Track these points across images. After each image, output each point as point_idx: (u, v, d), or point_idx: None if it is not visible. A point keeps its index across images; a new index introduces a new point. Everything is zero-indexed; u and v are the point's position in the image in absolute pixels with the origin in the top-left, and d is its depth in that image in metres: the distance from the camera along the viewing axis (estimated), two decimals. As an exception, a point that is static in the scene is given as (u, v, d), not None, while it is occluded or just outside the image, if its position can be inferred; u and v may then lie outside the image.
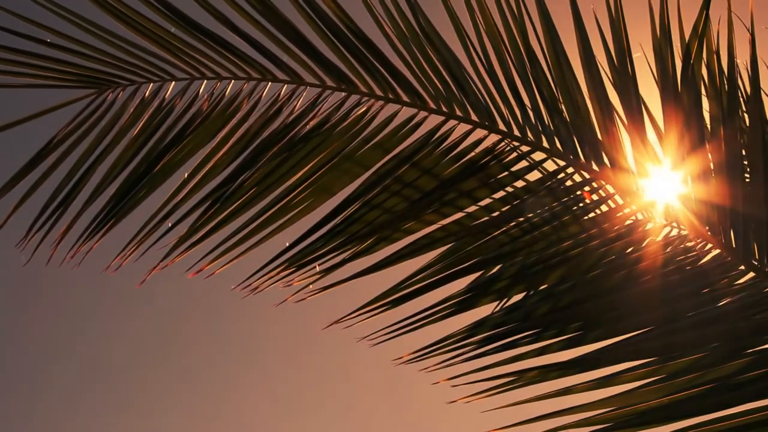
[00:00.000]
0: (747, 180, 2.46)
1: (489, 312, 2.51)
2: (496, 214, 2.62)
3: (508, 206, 2.62)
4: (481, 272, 2.57)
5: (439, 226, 2.63)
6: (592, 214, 2.62)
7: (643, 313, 2.40)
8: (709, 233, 2.50)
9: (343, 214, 2.66)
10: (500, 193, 2.65)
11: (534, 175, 2.68)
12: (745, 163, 2.49)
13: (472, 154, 2.68)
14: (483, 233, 2.58)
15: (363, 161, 2.71)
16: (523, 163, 2.68)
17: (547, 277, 2.51)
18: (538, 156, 2.69)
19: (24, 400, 9.43)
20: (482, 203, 2.64)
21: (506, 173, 2.65)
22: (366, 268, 2.61)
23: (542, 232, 2.55)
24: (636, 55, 2.65)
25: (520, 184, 2.66)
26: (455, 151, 2.70)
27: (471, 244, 2.56)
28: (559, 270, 2.50)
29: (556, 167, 2.67)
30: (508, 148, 2.67)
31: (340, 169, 2.71)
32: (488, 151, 2.68)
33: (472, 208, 2.64)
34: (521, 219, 2.58)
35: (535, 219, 2.57)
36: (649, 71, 2.75)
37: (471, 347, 2.44)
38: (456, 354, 2.44)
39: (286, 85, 2.78)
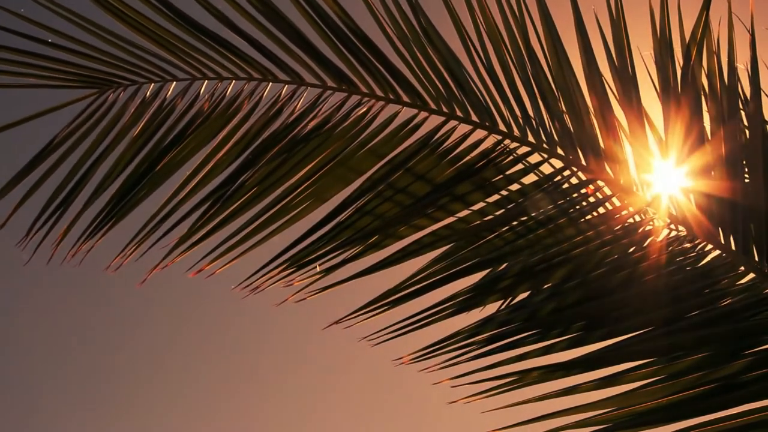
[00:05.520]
0: (747, 180, 2.46)
1: (491, 312, 2.51)
2: (498, 213, 2.62)
3: (511, 206, 2.62)
4: (483, 272, 2.57)
5: (442, 225, 2.63)
6: (594, 214, 2.62)
7: (644, 313, 2.40)
8: (709, 234, 2.50)
9: (344, 214, 2.66)
10: (503, 193, 2.65)
11: (534, 176, 2.68)
12: (745, 163, 2.49)
13: (473, 154, 2.68)
14: (486, 232, 2.58)
15: (364, 162, 2.71)
16: (523, 164, 2.68)
17: (550, 277, 2.51)
18: (538, 157, 2.69)
19: (23, 400, 9.43)
20: (485, 202, 2.64)
21: (507, 174, 2.65)
22: (367, 268, 2.61)
23: (543, 232, 2.55)
24: (636, 54, 2.65)
25: (520, 184, 2.66)
26: (456, 152, 2.70)
27: (473, 243, 2.56)
28: (562, 270, 2.50)
29: (556, 168, 2.67)
30: (509, 148, 2.67)
31: (341, 169, 2.71)
32: (488, 151, 2.68)
33: (473, 208, 2.64)
34: (523, 219, 2.58)
35: (537, 219, 2.58)
36: (651, 70, 2.76)
37: (473, 347, 2.44)
38: (458, 354, 2.44)
39: (286, 86, 2.78)
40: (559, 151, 2.66)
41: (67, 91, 2.73)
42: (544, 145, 2.68)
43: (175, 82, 2.79)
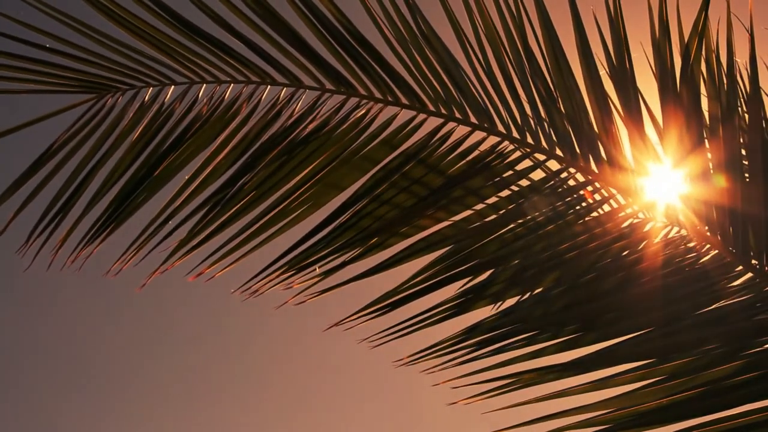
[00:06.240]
0: (746, 180, 2.46)
1: (488, 314, 2.51)
2: (495, 216, 2.62)
3: (507, 208, 2.62)
4: (479, 274, 2.57)
5: (439, 228, 2.63)
6: (591, 216, 2.61)
7: (642, 314, 2.40)
8: (708, 234, 2.50)
9: (343, 216, 2.66)
10: (500, 195, 2.65)
11: (533, 177, 2.67)
12: (745, 163, 2.49)
13: (472, 156, 2.68)
14: (482, 235, 2.58)
15: (363, 163, 2.71)
16: (522, 165, 2.68)
17: (546, 279, 2.50)
18: (537, 158, 2.68)
19: (25, 405, 9.46)
20: (481, 205, 2.64)
21: (505, 175, 2.65)
22: (366, 271, 2.61)
23: (542, 233, 2.55)
24: (635, 55, 2.64)
25: (518, 186, 2.66)
26: (455, 153, 2.70)
27: (470, 247, 2.56)
28: (559, 271, 2.50)
29: (555, 168, 2.67)
30: (507, 149, 2.67)
31: (339, 171, 2.71)
32: (487, 153, 2.67)
33: (470, 211, 2.64)
34: (520, 221, 2.57)
35: (535, 220, 2.57)
36: (649, 71, 2.75)
37: (470, 349, 2.44)
38: (455, 356, 2.44)
39: (285, 88, 2.78)
40: (558, 152, 2.66)
41: (66, 96, 2.73)
42: (543, 146, 2.67)
43: (173, 86, 2.79)
